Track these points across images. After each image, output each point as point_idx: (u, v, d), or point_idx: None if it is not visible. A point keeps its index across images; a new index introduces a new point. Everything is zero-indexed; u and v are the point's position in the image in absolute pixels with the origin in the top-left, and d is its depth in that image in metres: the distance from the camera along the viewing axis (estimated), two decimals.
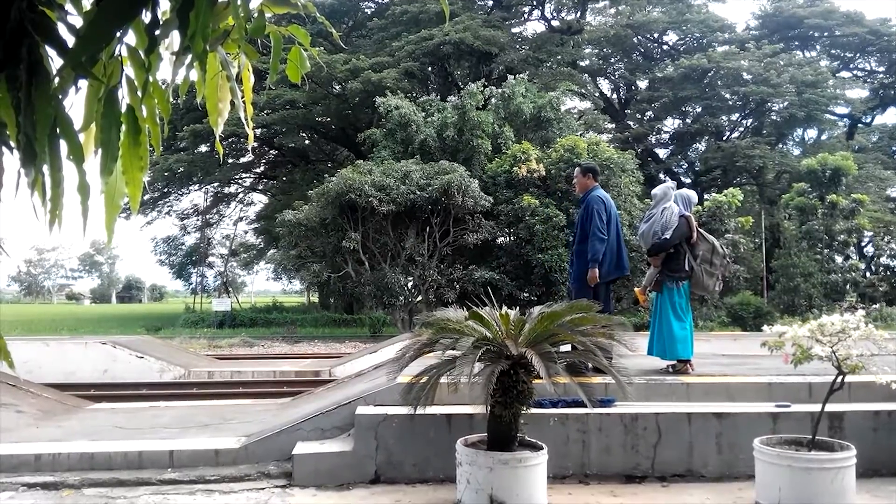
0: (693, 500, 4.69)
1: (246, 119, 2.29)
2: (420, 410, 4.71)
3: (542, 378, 4.17)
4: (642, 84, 32.71)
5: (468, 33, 26.24)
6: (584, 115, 31.30)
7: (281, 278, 40.08)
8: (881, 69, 34.24)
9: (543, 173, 20.65)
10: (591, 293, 6.10)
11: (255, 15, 2.01)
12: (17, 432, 5.98)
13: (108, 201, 1.87)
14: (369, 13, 34.32)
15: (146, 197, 33.80)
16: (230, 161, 34.42)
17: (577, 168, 6.94)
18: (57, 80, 1.65)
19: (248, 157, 36.56)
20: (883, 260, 29.11)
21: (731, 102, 30.78)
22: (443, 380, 4.54)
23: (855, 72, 35.13)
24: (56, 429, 6.26)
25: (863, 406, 5.27)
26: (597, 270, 6.26)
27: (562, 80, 27.21)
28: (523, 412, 4.53)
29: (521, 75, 24.21)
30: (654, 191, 6.61)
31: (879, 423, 5.18)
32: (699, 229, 6.38)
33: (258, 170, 40.89)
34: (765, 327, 4.58)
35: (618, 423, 5.15)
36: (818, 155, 24.70)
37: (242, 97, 2.22)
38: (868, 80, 34.45)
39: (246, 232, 45.92)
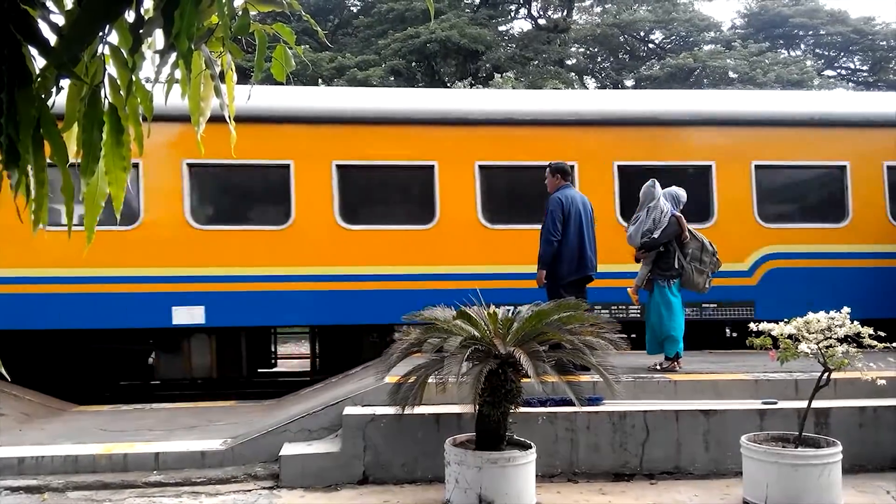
0: (681, 498, 4.71)
1: (229, 118, 2.27)
2: (408, 410, 4.71)
3: (530, 377, 4.17)
4: (629, 83, 32.68)
5: (454, 31, 26.14)
6: None
7: None
8: (864, 68, 34.48)
9: None
10: (554, 295, 5.93)
11: (240, 13, 1.99)
12: (0, 435, 5.91)
13: (89, 202, 1.84)
14: (355, 11, 34.08)
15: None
16: None
17: (547, 167, 6.64)
18: (39, 80, 1.62)
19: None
20: None
21: None
22: (431, 379, 4.53)
23: (839, 70, 35.35)
24: (39, 431, 6.19)
25: (848, 402, 5.31)
26: (543, 272, 6.23)
27: (549, 79, 27.17)
28: (512, 411, 4.53)
29: (508, 73, 24.18)
30: (641, 192, 6.52)
31: (865, 418, 5.23)
32: (689, 227, 6.37)
33: None
34: (751, 325, 4.60)
35: (606, 422, 5.16)
36: None
37: (226, 96, 2.20)
38: (852, 78, 34.68)
39: None
